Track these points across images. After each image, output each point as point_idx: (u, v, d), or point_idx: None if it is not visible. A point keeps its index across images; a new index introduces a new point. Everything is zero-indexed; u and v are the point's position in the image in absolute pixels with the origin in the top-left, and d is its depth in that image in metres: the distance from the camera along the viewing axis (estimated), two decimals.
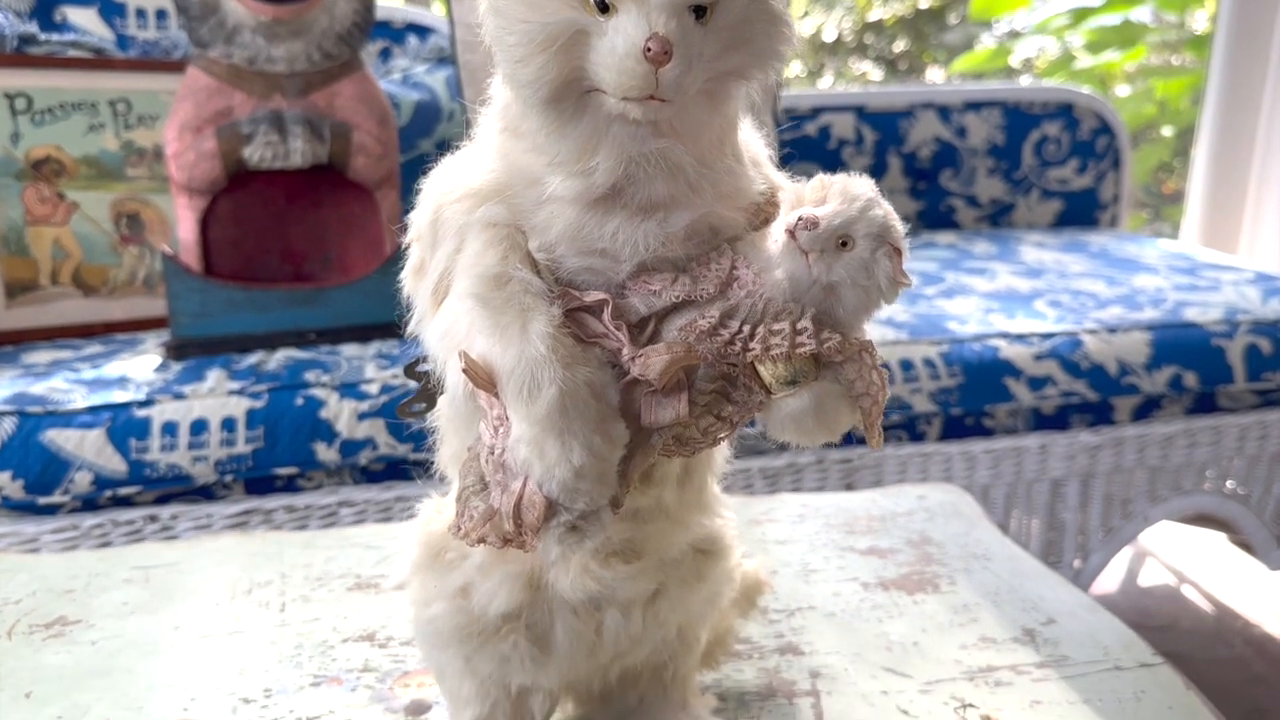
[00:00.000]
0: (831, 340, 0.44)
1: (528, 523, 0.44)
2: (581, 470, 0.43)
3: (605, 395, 0.44)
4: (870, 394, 0.46)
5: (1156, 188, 3.73)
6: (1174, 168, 3.67)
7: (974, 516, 0.92)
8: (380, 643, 0.74)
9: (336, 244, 1.46)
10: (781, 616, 0.77)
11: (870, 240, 0.45)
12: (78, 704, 0.67)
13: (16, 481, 1.12)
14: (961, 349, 1.34)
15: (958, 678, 0.69)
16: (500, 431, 0.45)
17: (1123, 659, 0.72)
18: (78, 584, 0.81)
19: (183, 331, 1.31)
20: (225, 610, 0.78)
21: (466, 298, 0.45)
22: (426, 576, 0.55)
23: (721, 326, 0.45)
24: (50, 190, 1.42)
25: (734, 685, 0.69)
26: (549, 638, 0.54)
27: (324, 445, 1.19)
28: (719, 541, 0.57)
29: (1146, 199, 3.71)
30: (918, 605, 0.78)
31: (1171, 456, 1.41)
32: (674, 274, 0.46)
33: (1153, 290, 1.54)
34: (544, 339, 0.44)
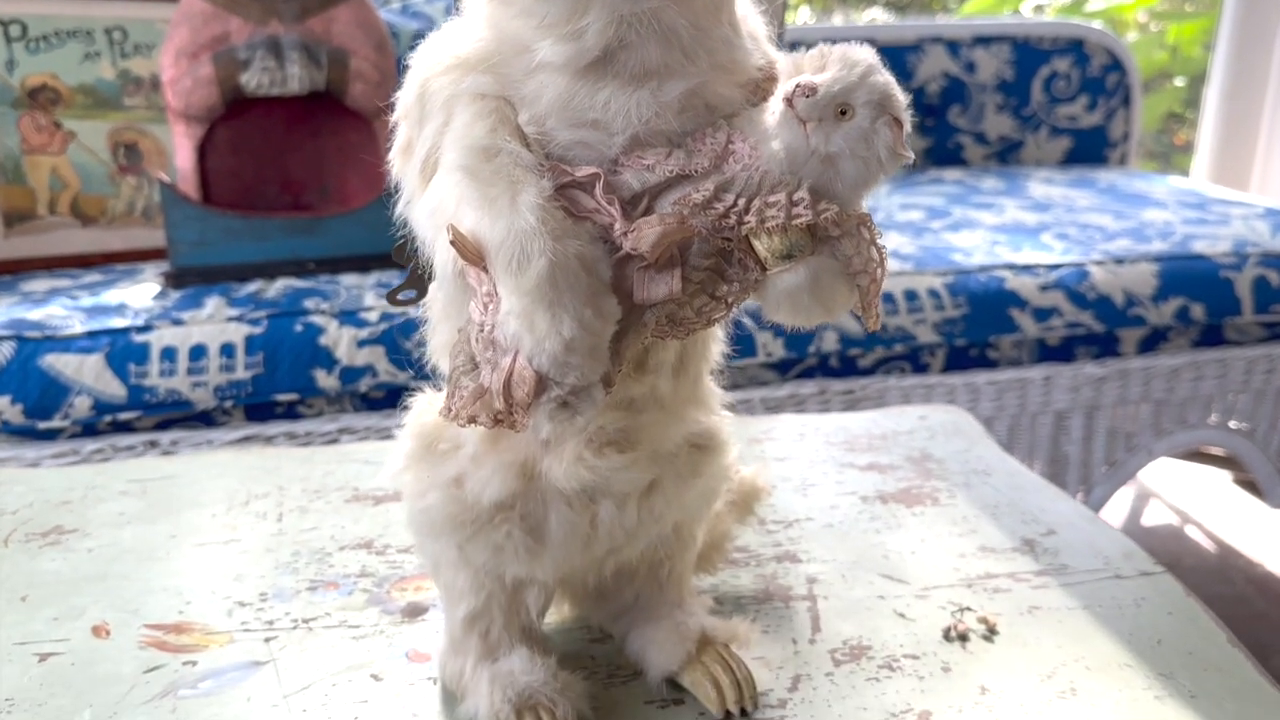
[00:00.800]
0: (829, 210, 0.43)
1: (518, 399, 0.43)
2: (572, 343, 0.42)
3: (596, 270, 0.43)
4: (868, 271, 0.45)
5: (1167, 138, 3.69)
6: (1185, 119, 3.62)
7: (975, 435, 0.91)
8: (378, 550, 0.74)
9: (335, 174, 1.44)
10: (779, 527, 0.76)
11: (870, 109, 0.44)
12: (74, 606, 0.67)
13: (16, 406, 1.12)
14: (967, 280, 1.33)
15: (955, 584, 0.69)
16: (489, 308, 0.44)
17: (1123, 568, 0.71)
18: (74, 495, 0.81)
19: (181, 260, 1.30)
20: (222, 520, 0.78)
21: (454, 170, 0.44)
22: (420, 468, 0.55)
23: (716, 199, 0.44)
24: (46, 119, 1.41)
25: (730, 590, 0.69)
26: (543, 528, 0.53)
27: (324, 372, 1.18)
28: (715, 437, 0.57)
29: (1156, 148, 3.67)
30: (916, 517, 0.78)
31: (1177, 389, 1.40)
32: (668, 149, 0.45)
33: (1161, 224, 1.52)
34: (533, 210, 0.42)
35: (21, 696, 0.58)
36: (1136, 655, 0.62)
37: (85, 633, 0.64)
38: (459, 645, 0.57)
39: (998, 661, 0.61)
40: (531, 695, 0.54)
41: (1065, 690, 0.59)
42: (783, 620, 0.65)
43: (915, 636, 0.64)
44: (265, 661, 0.62)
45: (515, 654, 0.56)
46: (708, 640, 0.59)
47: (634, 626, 0.61)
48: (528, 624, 0.58)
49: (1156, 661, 0.61)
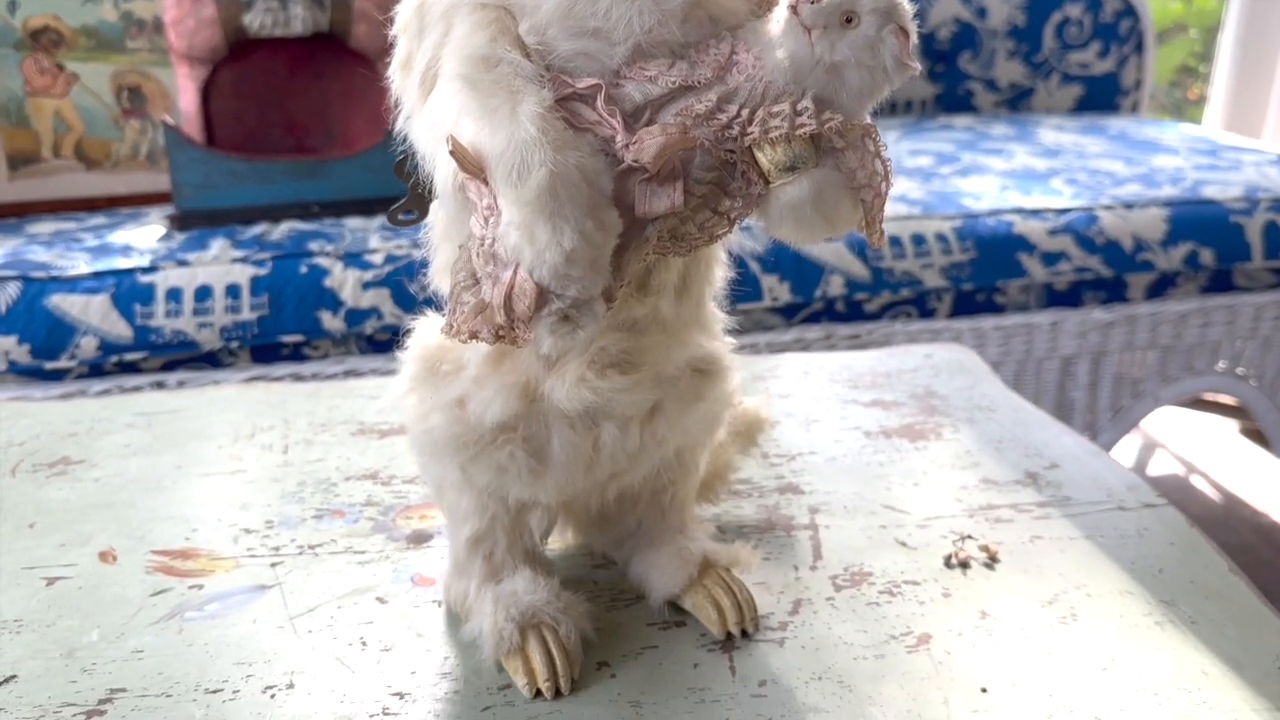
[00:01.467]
0: (833, 120, 0.43)
1: (519, 312, 0.43)
2: (573, 255, 0.42)
3: (598, 182, 0.43)
4: (873, 185, 0.45)
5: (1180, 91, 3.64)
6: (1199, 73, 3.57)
7: (980, 373, 0.91)
8: (383, 480, 0.74)
9: (339, 117, 1.43)
10: (782, 460, 0.76)
11: (876, 16, 0.43)
12: (80, 533, 0.68)
13: (23, 346, 1.13)
14: (975, 224, 1.32)
15: (957, 514, 0.69)
16: (490, 221, 0.44)
17: (1126, 500, 0.71)
18: (80, 428, 0.81)
19: (186, 203, 1.30)
20: (228, 452, 0.78)
21: (454, 79, 0.44)
22: (423, 390, 0.55)
23: (719, 110, 0.44)
24: (49, 61, 1.40)
25: (733, 519, 0.69)
26: (545, 450, 0.53)
27: (329, 314, 1.18)
28: (717, 362, 0.56)
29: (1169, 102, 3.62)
30: (919, 451, 0.78)
31: (1184, 336, 1.39)
32: (671, 60, 0.45)
33: (1172, 170, 1.51)
34: (534, 121, 0.42)
35: (30, 618, 0.59)
36: (1138, 583, 0.62)
37: (92, 558, 0.65)
38: (463, 567, 0.58)
39: (998, 588, 0.61)
40: (535, 614, 0.54)
41: (1066, 615, 0.59)
42: (784, 548, 0.65)
43: (916, 564, 0.64)
44: (271, 585, 0.62)
45: (519, 575, 0.57)
46: (709, 564, 0.59)
47: (636, 552, 0.61)
48: (531, 546, 0.58)
49: (1158, 589, 0.62)
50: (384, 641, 0.57)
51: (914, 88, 1.94)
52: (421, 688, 0.53)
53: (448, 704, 0.53)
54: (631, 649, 0.56)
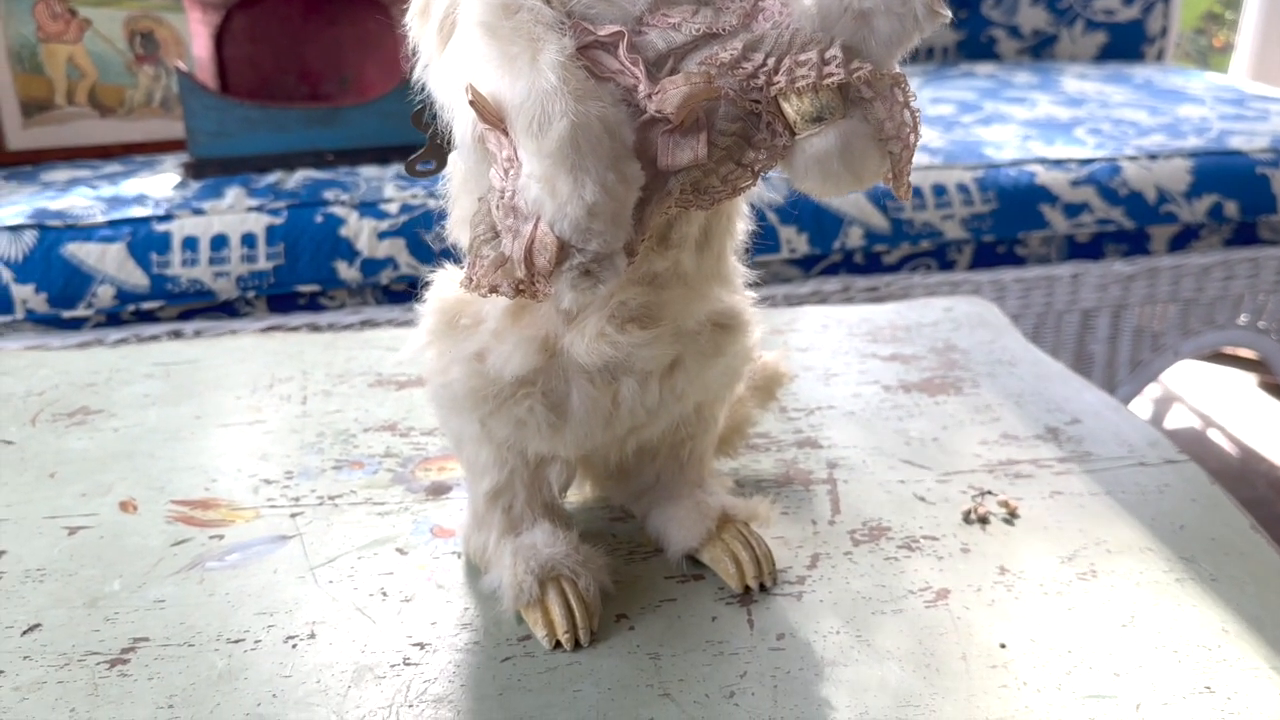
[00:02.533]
0: (862, 69, 0.42)
1: (539, 266, 0.43)
2: (594, 208, 0.41)
3: (619, 132, 0.42)
4: (900, 136, 0.44)
5: (1205, 39, 3.57)
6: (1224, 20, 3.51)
7: (1000, 326, 0.90)
8: (401, 432, 0.74)
9: (354, 64, 1.42)
10: (800, 415, 0.76)
11: None
12: (100, 483, 0.68)
13: (40, 295, 1.13)
14: (997, 174, 1.30)
15: (977, 469, 0.69)
16: (510, 173, 0.43)
17: (1147, 455, 0.71)
18: (99, 378, 0.82)
19: (200, 151, 1.29)
20: (246, 402, 0.78)
21: (473, 26, 0.43)
22: (442, 344, 0.54)
23: (744, 59, 0.43)
24: (61, 6, 1.38)
25: (751, 474, 0.69)
26: (565, 404, 0.53)
27: (345, 264, 1.18)
28: (738, 317, 0.56)
29: (1194, 50, 3.56)
30: (939, 406, 0.77)
31: (1207, 289, 1.38)
32: (695, 6, 0.44)
33: (1197, 120, 1.48)
34: (555, 69, 0.41)
35: (52, 567, 0.59)
36: (1158, 540, 0.62)
37: (113, 508, 0.65)
38: (482, 520, 0.58)
39: (1017, 543, 0.61)
40: (554, 567, 0.54)
41: (1085, 572, 0.59)
42: (802, 502, 0.65)
43: (935, 519, 0.64)
44: (291, 536, 0.62)
45: (537, 528, 0.57)
46: (728, 518, 0.59)
47: (655, 505, 0.61)
48: (550, 500, 0.58)
49: (1178, 546, 0.61)
50: (404, 592, 0.57)
51: (936, 34, 1.90)
52: (442, 638, 0.54)
53: (468, 654, 0.53)
54: (650, 602, 0.56)
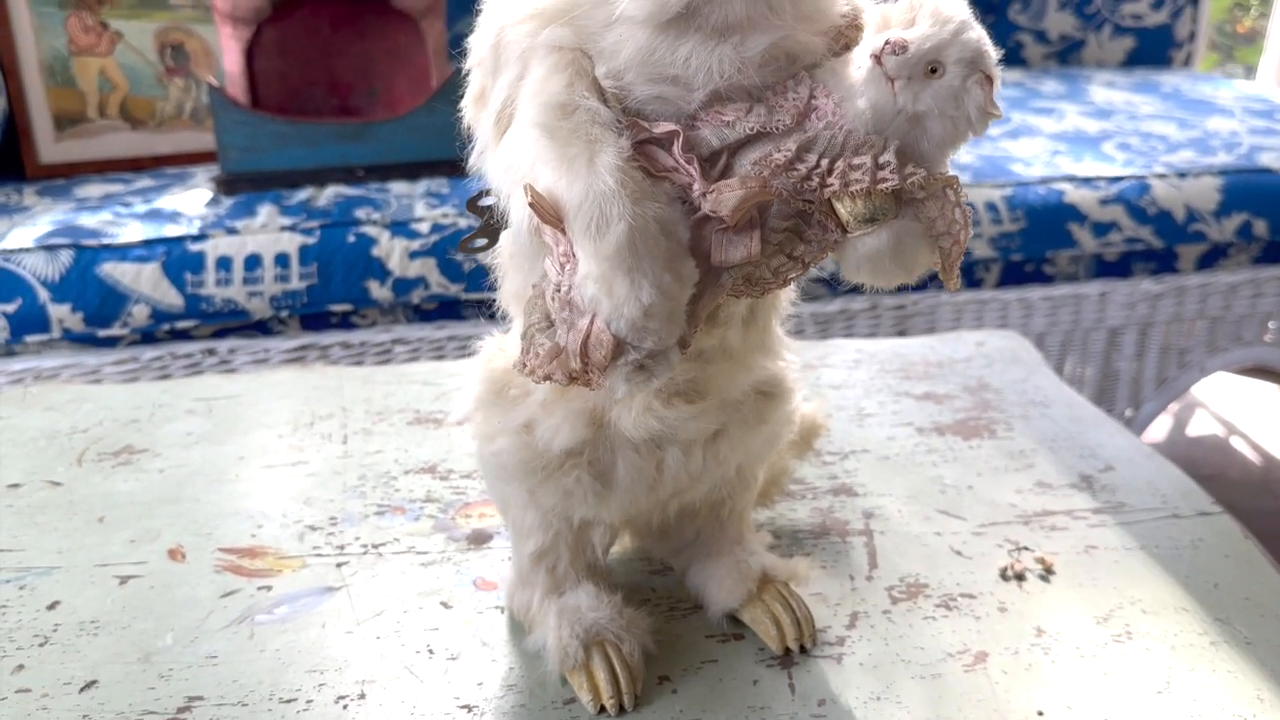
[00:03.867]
0: (916, 175, 0.42)
1: (595, 361, 0.43)
2: (650, 309, 0.42)
3: (675, 232, 0.43)
4: (952, 233, 0.44)
5: (1230, 26, 3.54)
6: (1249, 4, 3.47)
7: (1033, 363, 0.91)
8: (441, 475, 0.75)
9: (383, 77, 1.43)
10: (835, 459, 0.77)
11: (962, 67, 0.42)
12: (149, 529, 0.69)
13: (76, 314, 1.14)
14: (1026, 192, 1.30)
15: (1012, 521, 0.70)
16: (566, 268, 0.44)
17: (1181, 507, 0.71)
18: (142, 414, 0.83)
19: (231, 166, 1.30)
20: (288, 441, 0.79)
21: (531, 127, 0.43)
22: (490, 412, 0.55)
23: (798, 160, 0.43)
24: (93, 19, 1.39)
25: (788, 524, 0.70)
26: (611, 473, 0.54)
27: (377, 283, 1.19)
28: (781, 384, 0.57)
29: (1219, 38, 3.52)
30: (973, 450, 0.78)
31: (1234, 306, 1.37)
32: (748, 104, 0.44)
33: (1226, 134, 1.47)
34: (612, 172, 0.42)
35: (106, 619, 0.61)
36: (1193, 598, 0.63)
37: (162, 556, 0.67)
38: (527, 579, 0.59)
39: (1054, 602, 0.62)
40: (599, 632, 0.55)
41: (1121, 633, 0.60)
42: (840, 556, 0.66)
43: (972, 575, 0.64)
44: (338, 587, 0.64)
45: (581, 589, 0.58)
46: (768, 579, 0.60)
47: (695, 561, 0.62)
48: (593, 560, 0.59)
49: (1213, 605, 0.62)
50: (450, 649, 0.58)
51: None
52: (489, 700, 0.55)
53: (514, 717, 0.54)
54: (691, 663, 0.57)
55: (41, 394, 0.86)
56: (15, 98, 1.35)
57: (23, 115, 1.35)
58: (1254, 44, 3.51)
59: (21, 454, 0.78)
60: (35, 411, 0.83)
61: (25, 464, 0.77)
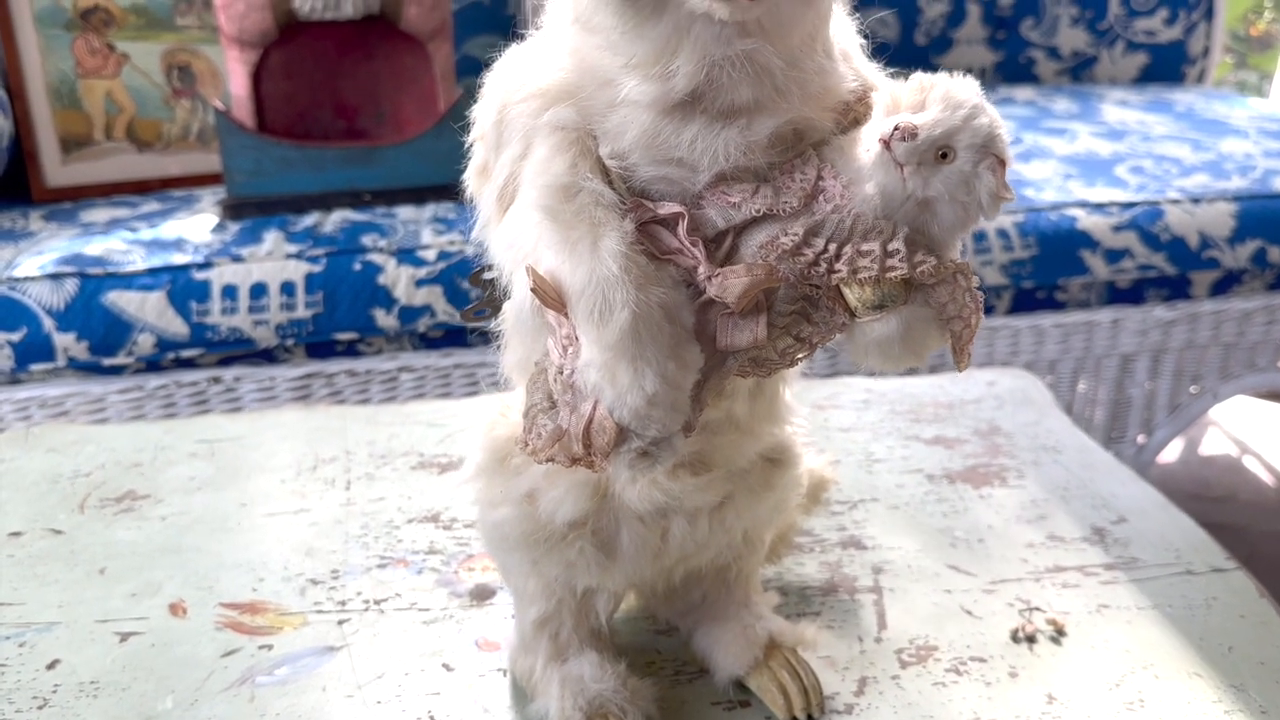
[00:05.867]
0: (926, 264, 0.41)
1: (598, 446, 0.43)
2: (654, 398, 0.41)
3: (680, 317, 0.42)
4: (963, 316, 0.43)
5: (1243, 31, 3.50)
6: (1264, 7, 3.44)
7: (1044, 404, 0.90)
8: (444, 524, 0.74)
9: (390, 99, 1.42)
10: (844, 509, 0.76)
11: (973, 152, 0.41)
12: (150, 581, 0.69)
13: (81, 343, 1.14)
14: (1037, 219, 1.29)
15: (1024, 578, 0.69)
16: (569, 351, 0.43)
17: (1194, 563, 0.70)
18: (144, 457, 0.82)
19: (238, 190, 1.30)
20: (291, 487, 0.79)
21: (534, 209, 0.43)
22: (492, 480, 0.55)
23: (805, 245, 0.42)
24: (100, 41, 1.39)
25: (796, 579, 0.69)
26: (615, 543, 0.53)
27: (383, 311, 1.18)
28: (788, 451, 0.56)
29: (1232, 43, 3.49)
30: (984, 500, 0.77)
31: (1248, 333, 1.36)
32: (755, 184, 0.43)
33: (1241, 157, 1.46)
34: (616, 257, 0.41)
35: (106, 679, 0.60)
36: (1207, 663, 0.61)
37: (163, 611, 0.66)
38: (529, 645, 0.58)
39: (1066, 667, 0.61)
40: (602, 704, 0.55)
41: (1134, 700, 0.59)
42: (848, 615, 0.65)
43: (982, 637, 0.63)
44: (339, 647, 0.63)
45: (585, 657, 0.57)
46: (775, 645, 0.59)
47: (701, 624, 0.61)
48: (597, 627, 0.58)
49: (1227, 670, 0.61)
50: (452, 716, 0.58)
51: (974, 55, 1.88)
52: None
53: None
54: None
55: (44, 434, 0.85)
56: (22, 121, 1.35)
57: (29, 138, 1.35)
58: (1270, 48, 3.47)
59: (24, 499, 0.78)
60: (38, 453, 0.83)
61: (27, 510, 0.76)
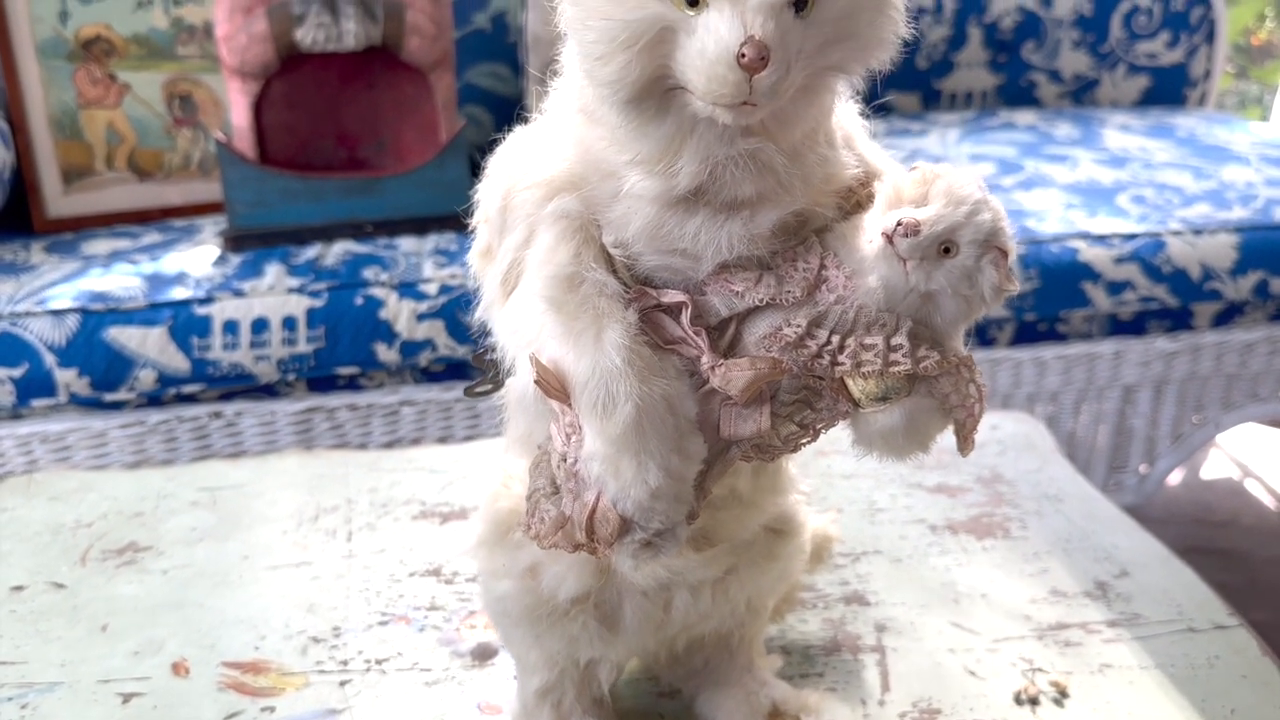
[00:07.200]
0: (929, 359, 0.41)
1: (601, 536, 0.43)
2: (658, 491, 0.41)
3: (683, 409, 0.42)
4: (966, 406, 0.43)
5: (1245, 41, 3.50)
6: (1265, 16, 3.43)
7: (1047, 451, 0.90)
8: (446, 578, 0.74)
9: (391, 128, 1.42)
10: (847, 562, 0.76)
11: (975, 247, 0.41)
12: (152, 639, 0.69)
13: (83, 379, 1.14)
14: (1040, 251, 1.29)
15: (1026, 636, 0.68)
16: (573, 440, 0.43)
17: (1197, 620, 0.70)
18: (146, 506, 0.82)
19: (239, 221, 1.30)
20: (292, 538, 0.79)
21: (538, 299, 0.43)
22: (495, 552, 0.54)
23: (809, 336, 0.42)
24: (101, 71, 1.39)
25: (799, 637, 0.68)
26: (617, 616, 0.53)
27: (384, 346, 1.18)
28: (791, 520, 0.56)
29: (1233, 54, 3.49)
30: (987, 552, 0.77)
31: (1250, 364, 1.36)
32: (758, 273, 0.43)
33: (1242, 185, 1.45)
34: (619, 350, 0.41)
35: None
36: None
37: (165, 670, 0.66)
38: (531, 713, 0.58)
39: None
40: None
41: None
42: (852, 676, 0.65)
43: (986, 699, 0.63)
44: (341, 710, 0.63)
45: None
46: (779, 712, 0.59)
47: (704, 690, 0.61)
48: (599, 695, 0.58)
49: None
50: None
51: (975, 79, 1.89)
52: None
53: None
54: None
55: (46, 482, 0.85)
56: (23, 153, 1.35)
57: (30, 170, 1.35)
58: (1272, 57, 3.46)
59: (26, 550, 0.77)
60: (40, 502, 0.83)
61: (29, 562, 0.76)
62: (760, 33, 0.36)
